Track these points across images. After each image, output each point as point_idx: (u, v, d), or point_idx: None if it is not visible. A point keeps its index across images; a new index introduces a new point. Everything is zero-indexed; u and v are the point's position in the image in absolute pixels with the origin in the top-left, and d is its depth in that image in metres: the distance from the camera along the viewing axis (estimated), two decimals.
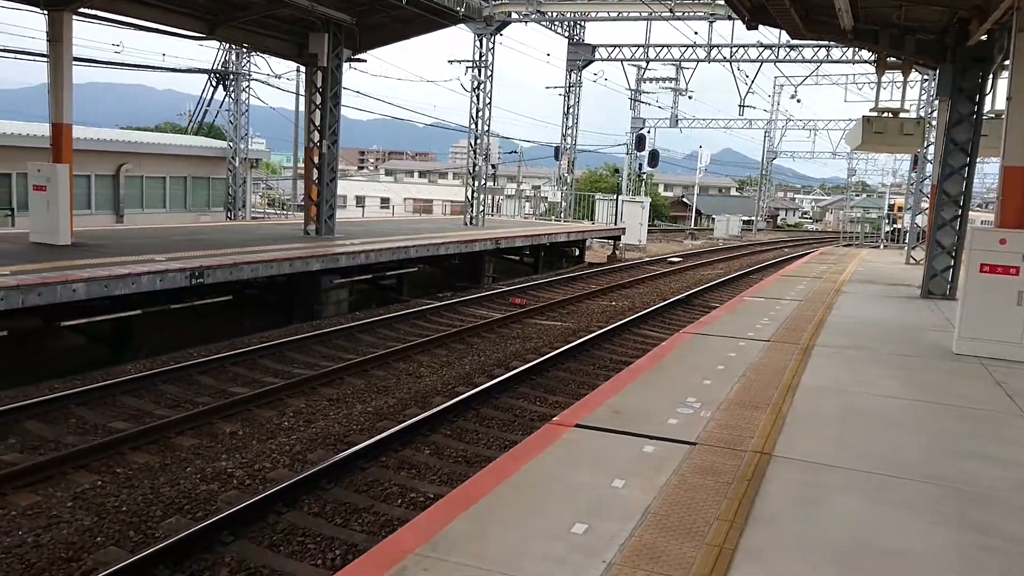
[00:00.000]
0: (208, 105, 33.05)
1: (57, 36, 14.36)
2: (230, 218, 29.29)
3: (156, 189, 27.25)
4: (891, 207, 53.95)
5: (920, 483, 5.02)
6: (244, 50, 28.72)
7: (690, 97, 42.08)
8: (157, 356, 11.71)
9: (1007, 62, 10.92)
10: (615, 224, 34.78)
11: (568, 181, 36.13)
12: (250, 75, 30.47)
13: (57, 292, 10.44)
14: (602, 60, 34.79)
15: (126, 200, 25.85)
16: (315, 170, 19.57)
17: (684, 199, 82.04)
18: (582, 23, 33.06)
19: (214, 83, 31.26)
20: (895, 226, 47.12)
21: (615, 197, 37.85)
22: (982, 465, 5.41)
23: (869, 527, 4.35)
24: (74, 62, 15.01)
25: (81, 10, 15.02)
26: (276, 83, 31.88)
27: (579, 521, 4.24)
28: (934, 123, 18.61)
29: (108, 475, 7.41)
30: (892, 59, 16.80)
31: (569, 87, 34.75)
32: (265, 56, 26.33)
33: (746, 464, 5.18)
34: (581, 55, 34.09)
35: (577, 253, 29.21)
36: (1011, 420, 6.58)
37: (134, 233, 18.01)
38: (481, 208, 28.09)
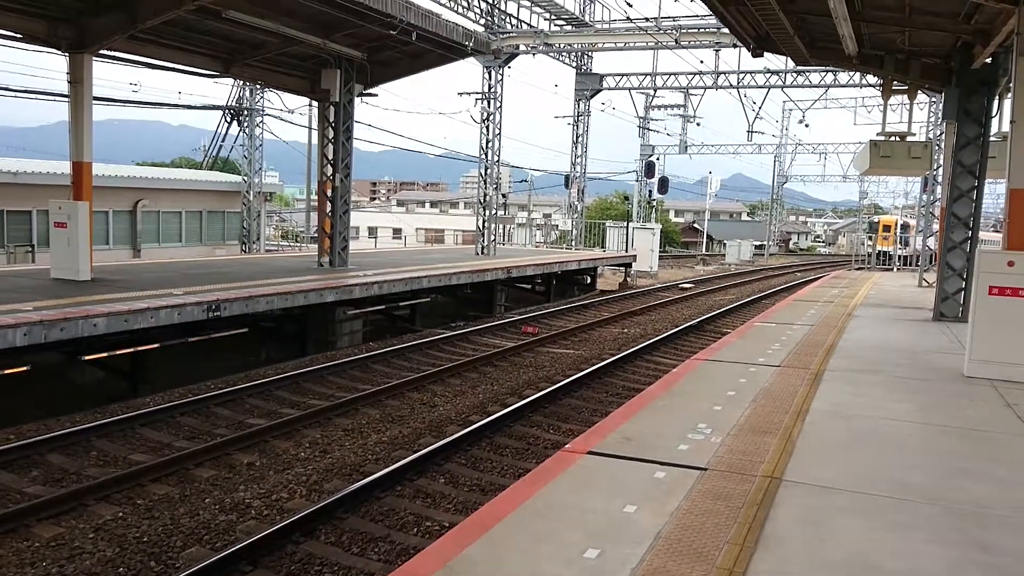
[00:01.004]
0: (223, 140, 33.61)
1: (78, 78, 14.75)
2: (245, 251, 29.65)
3: (172, 224, 27.67)
4: (876, 226, 50.70)
5: (927, 505, 5.08)
6: (258, 87, 29.24)
7: (698, 124, 42.39)
8: (175, 388, 11.88)
9: (1012, 84, 11.04)
10: (626, 251, 34.91)
11: (578, 209, 36.36)
12: (264, 110, 31.00)
13: (79, 327, 10.65)
14: (610, 89, 35.15)
15: (143, 235, 26.28)
16: (328, 203, 19.86)
17: (695, 225, 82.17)
18: (589, 54, 33.47)
19: (228, 119, 31.81)
20: (880, 249, 44.86)
21: (625, 224, 38.03)
22: (989, 487, 5.45)
23: (876, 549, 4.41)
24: (93, 101, 15.40)
25: (101, 52, 15.43)
26: (289, 117, 32.37)
27: (592, 546, 4.32)
28: (941, 145, 18.72)
29: (129, 506, 7.54)
30: (898, 83, 16.97)
31: (578, 116, 35.09)
32: (278, 92, 26.80)
33: (756, 488, 5.25)
34: (589, 85, 34.47)
35: (589, 281, 29.33)
36: (1019, 442, 6.61)
37: (151, 267, 18.30)
38: (492, 237, 28.32)
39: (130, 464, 8.68)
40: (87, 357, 11.24)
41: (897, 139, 16.60)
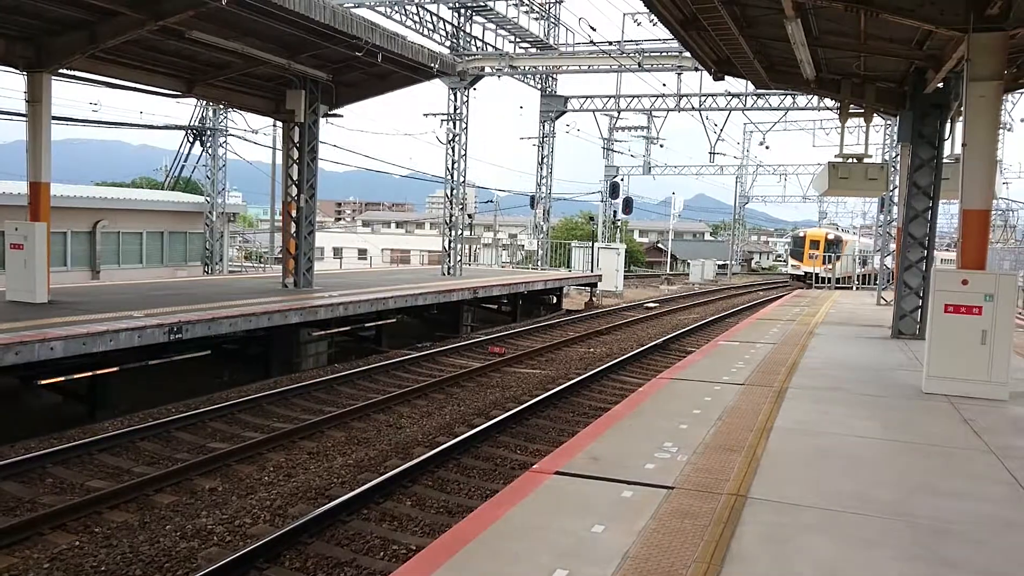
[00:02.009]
0: (185, 160, 33.20)
1: (36, 97, 14.53)
2: (208, 272, 29.26)
3: (133, 245, 27.22)
4: (801, 241, 45.75)
5: (889, 520, 5.15)
6: (221, 107, 29.02)
7: (661, 145, 42.96)
8: (135, 413, 11.64)
9: (963, 108, 11.37)
10: (592, 271, 35.11)
11: (544, 229, 36.52)
12: (227, 131, 30.75)
13: (35, 351, 10.41)
14: (574, 111, 35.49)
15: (103, 256, 25.79)
16: (293, 223, 19.72)
17: (659, 245, 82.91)
18: (554, 76, 33.79)
19: (191, 139, 31.48)
20: (804, 270, 41.46)
21: (591, 244, 38.27)
22: (949, 501, 5.55)
23: (840, 564, 4.46)
24: (52, 121, 15.17)
25: (60, 71, 15.22)
26: (254, 138, 32.13)
27: (560, 567, 4.31)
28: (897, 167, 19.17)
29: (86, 535, 7.35)
30: (854, 107, 17.38)
31: (543, 137, 35.34)
32: (242, 112, 26.64)
33: (722, 507, 5.29)
34: (554, 106, 34.77)
35: (555, 300, 29.42)
36: (977, 456, 6.75)
37: (111, 289, 17.97)
38: (458, 258, 28.31)
39: (87, 491, 8.47)
40: (43, 381, 10.97)
41: (854, 161, 16.96)
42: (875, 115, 18.50)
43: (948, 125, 14.64)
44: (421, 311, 20.47)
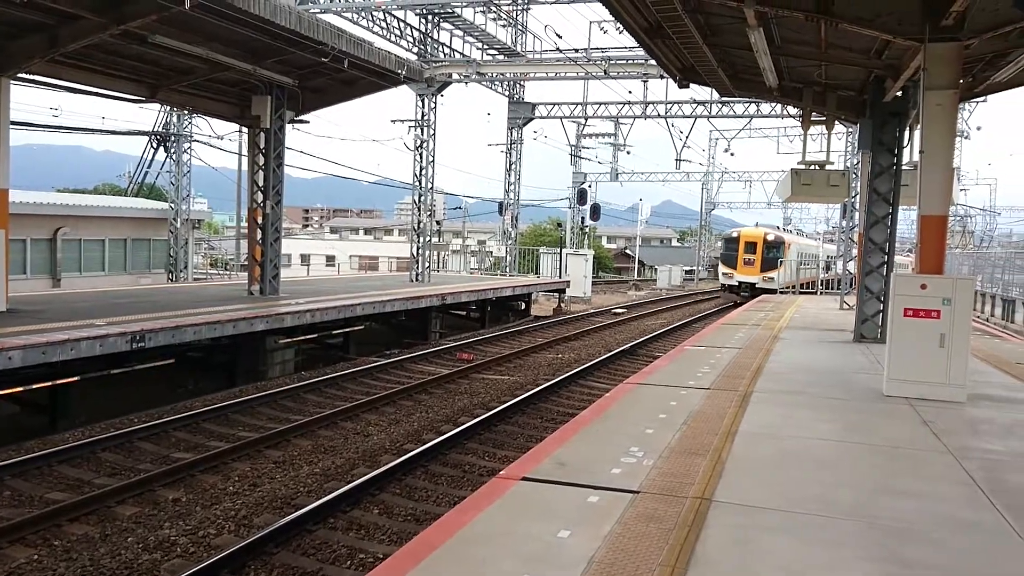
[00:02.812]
0: (149, 166, 32.75)
1: None
2: (172, 280, 28.87)
3: (95, 252, 26.77)
4: (734, 244, 36.48)
5: (850, 521, 5.23)
6: (186, 112, 28.69)
7: (628, 152, 43.32)
8: (96, 423, 11.44)
9: (920, 116, 11.62)
10: (560, 277, 35.23)
11: (512, 235, 36.58)
12: (192, 136, 30.40)
13: None
14: (542, 117, 35.64)
15: (64, 264, 25.33)
16: (259, 230, 19.54)
17: (627, 251, 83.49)
18: (521, 83, 33.91)
19: (155, 145, 31.07)
20: (738, 279, 34.41)
21: (559, 250, 38.41)
22: (911, 503, 5.65)
23: (805, 566, 4.52)
24: (11, 126, 14.87)
25: (19, 75, 14.93)
26: (219, 144, 31.81)
27: (526, 573, 4.31)
28: (859, 173, 19.52)
29: (45, 548, 7.20)
30: (816, 114, 17.68)
31: (511, 144, 35.43)
32: (207, 117, 26.35)
33: (687, 510, 5.33)
34: (521, 113, 34.88)
35: (523, 307, 29.47)
36: (936, 458, 6.88)
37: (72, 297, 17.65)
38: (427, 264, 28.24)
39: (46, 503, 8.31)
40: (1, 392, 10.74)
41: (817, 168, 17.25)
42: (836, 123, 18.85)
43: (907, 133, 14.94)
44: (389, 318, 20.39)
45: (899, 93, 14.08)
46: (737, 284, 34.94)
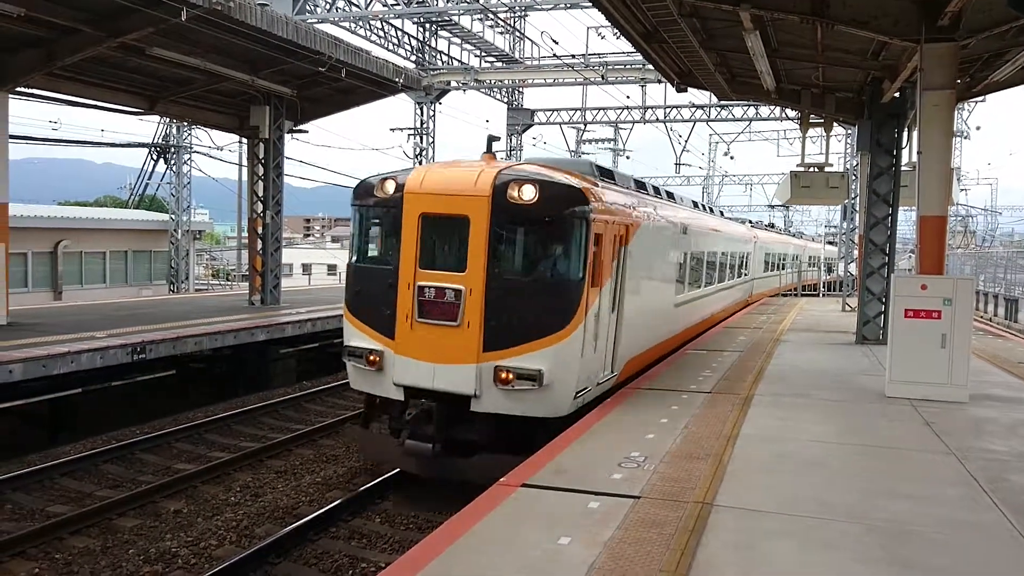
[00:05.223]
0: (149, 178, 32.75)
1: None
2: (173, 291, 28.87)
3: (96, 264, 26.78)
4: None
5: (850, 524, 5.21)
6: (185, 124, 28.75)
7: (628, 157, 43.21)
8: (98, 435, 11.42)
9: (918, 116, 11.61)
10: None
11: None
12: (192, 147, 30.44)
13: None
14: (541, 124, 35.63)
15: (65, 277, 25.34)
16: (259, 240, 19.54)
17: None
18: (520, 89, 33.94)
19: (155, 156, 31.11)
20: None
21: None
22: (911, 505, 5.62)
23: (805, 570, 4.50)
24: (10, 139, 14.90)
25: (18, 89, 14.97)
26: (219, 154, 31.81)
27: None
28: (858, 175, 19.51)
29: (46, 561, 7.19)
30: (814, 117, 17.69)
31: (510, 150, 35.43)
32: (206, 128, 26.39)
33: (688, 515, 5.31)
34: (520, 119, 34.87)
35: None
36: (939, 459, 6.85)
37: (73, 310, 17.64)
38: None
39: (48, 516, 8.29)
40: (1, 405, 10.72)
41: (816, 170, 17.26)
42: (835, 124, 18.86)
43: (905, 134, 14.94)
44: None
45: (897, 94, 14.09)
46: None
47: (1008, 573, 4.62)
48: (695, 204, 16.70)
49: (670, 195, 14.10)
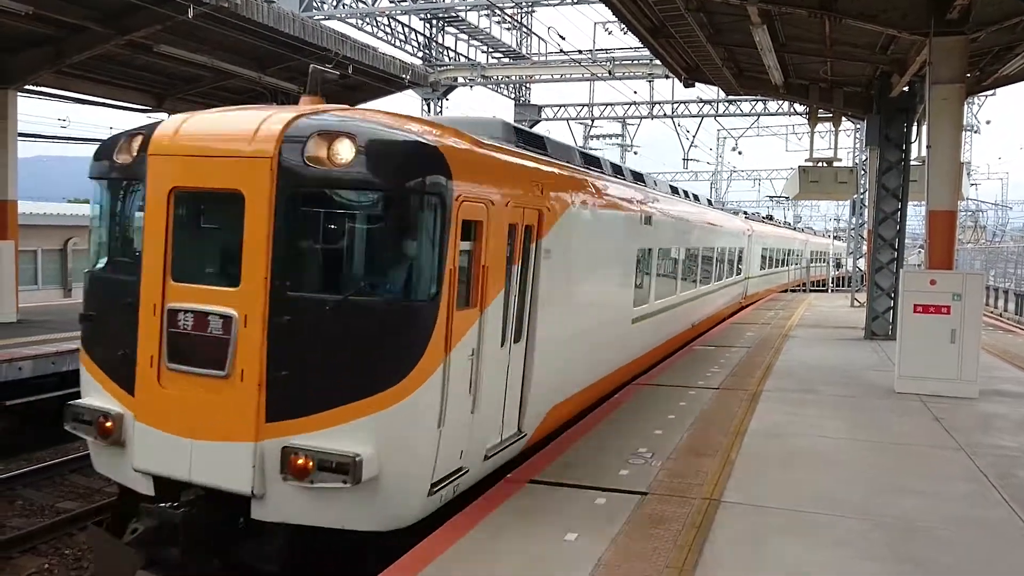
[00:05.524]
0: None
1: (1, 114, 14.32)
2: None
3: None
4: None
5: (858, 520, 5.19)
6: None
7: (635, 152, 43.10)
8: None
9: (927, 111, 11.55)
10: None
11: None
12: None
13: (2, 371, 10.23)
14: (548, 120, 35.57)
15: (75, 274, 25.46)
16: None
17: None
18: (527, 85, 33.91)
19: None
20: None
21: None
22: (919, 501, 5.59)
23: (812, 567, 4.48)
24: (19, 137, 14.97)
25: (26, 87, 15.03)
26: None
27: (534, 574, 4.30)
28: (867, 170, 19.42)
29: (56, 557, 7.24)
30: (823, 111, 17.61)
31: None
32: None
33: (695, 511, 5.30)
34: (528, 116, 34.82)
35: None
36: (948, 455, 6.82)
37: None
38: None
39: (57, 513, 8.33)
40: (11, 402, 10.77)
41: (824, 165, 17.19)
42: (844, 119, 18.78)
43: (914, 128, 14.86)
44: None
45: (906, 88, 14.00)
46: None
47: (1016, 571, 4.59)
48: (674, 190, 13.49)
49: (638, 177, 10.77)
